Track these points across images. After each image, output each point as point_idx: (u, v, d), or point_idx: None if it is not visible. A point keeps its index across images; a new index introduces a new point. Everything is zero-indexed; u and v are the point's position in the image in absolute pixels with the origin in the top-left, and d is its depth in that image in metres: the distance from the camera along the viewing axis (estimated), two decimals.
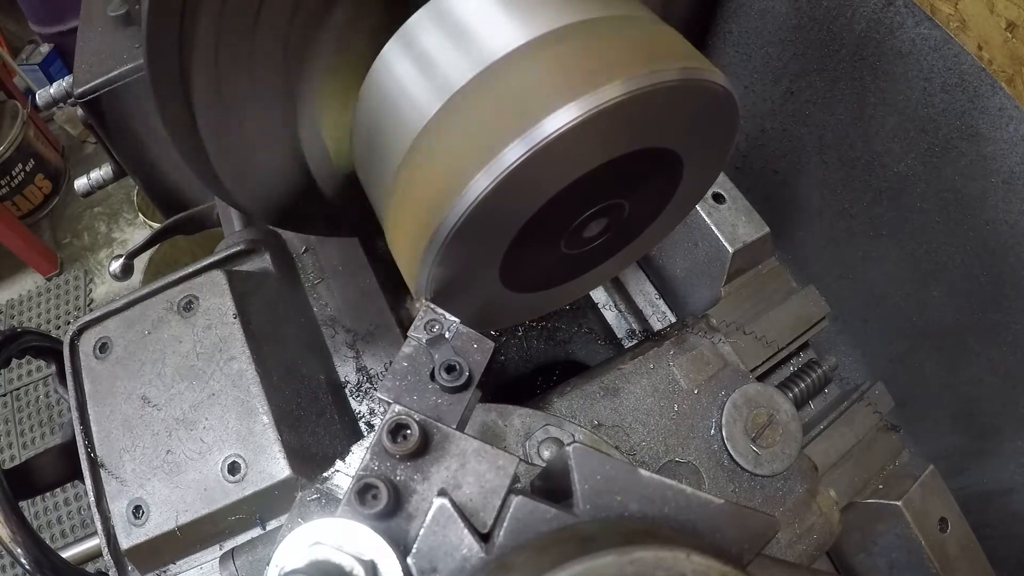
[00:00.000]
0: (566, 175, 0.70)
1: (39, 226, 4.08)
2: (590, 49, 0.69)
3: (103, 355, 1.03)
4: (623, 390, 1.00)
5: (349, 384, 1.11)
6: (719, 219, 1.13)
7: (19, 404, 3.38)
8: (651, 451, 0.97)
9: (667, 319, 1.28)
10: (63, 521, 3.06)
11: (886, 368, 1.36)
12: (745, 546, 0.58)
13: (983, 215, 1.03)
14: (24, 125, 3.80)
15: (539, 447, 0.89)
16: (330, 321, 1.16)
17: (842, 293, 1.35)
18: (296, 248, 1.24)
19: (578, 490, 0.55)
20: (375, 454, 0.59)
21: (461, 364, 0.67)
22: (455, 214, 0.66)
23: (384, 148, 0.77)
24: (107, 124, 1.43)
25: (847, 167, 1.23)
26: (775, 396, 0.98)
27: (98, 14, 1.45)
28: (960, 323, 1.15)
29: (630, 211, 0.83)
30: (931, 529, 1.04)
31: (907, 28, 1.00)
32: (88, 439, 0.99)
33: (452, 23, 0.74)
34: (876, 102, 1.11)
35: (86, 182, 1.75)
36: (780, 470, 0.95)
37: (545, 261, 0.84)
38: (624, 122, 0.67)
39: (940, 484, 1.08)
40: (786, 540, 0.95)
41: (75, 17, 1.62)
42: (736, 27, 1.32)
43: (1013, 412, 1.14)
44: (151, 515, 0.92)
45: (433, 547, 0.54)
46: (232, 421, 0.96)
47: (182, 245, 2.96)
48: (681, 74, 0.67)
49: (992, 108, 0.94)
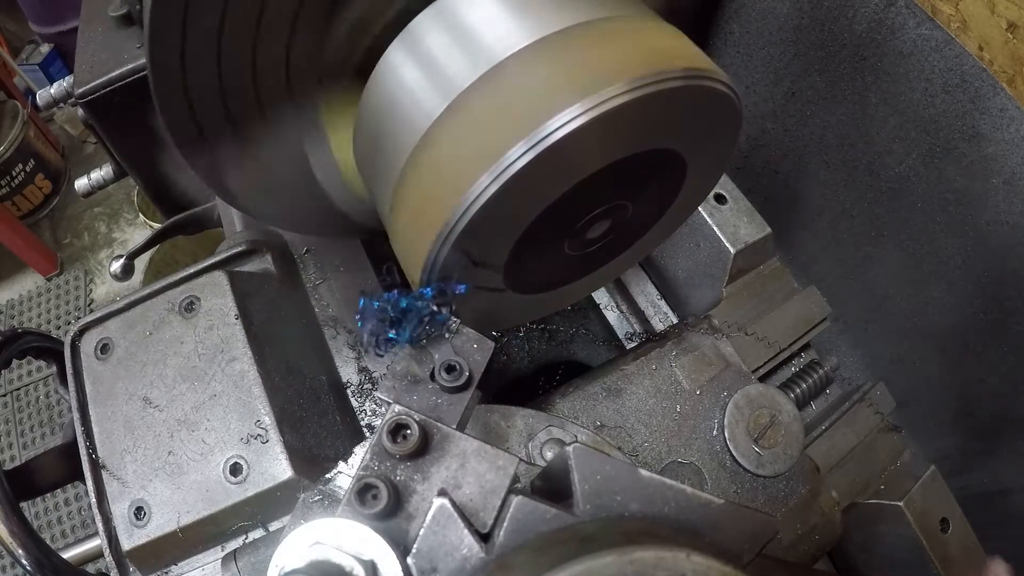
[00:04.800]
0: (570, 177, 0.70)
1: (39, 226, 4.08)
2: (594, 50, 0.69)
3: (104, 356, 1.03)
4: (625, 391, 1.00)
5: (351, 385, 1.11)
6: (721, 220, 1.13)
7: (19, 404, 3.38)
8: (654, 452, 0.96)
9: (669, 320, 1.28)
10: (63, 521, 3.06)
11: (887, 368, 1.36)
12: (745, 546, 0.58)
13: (984, 215, 1.03)
14: (24, 125, 3.80)
15: (542, 448, 0.89)
16: (332, 322, 1.16)
17: (843, 294, 1.35)
18: (298, 248, 1.24)
19: (578, 490, 0.55)
20: (375, 454, 0.59)
21: (461, 364, 0.67)
22: (459, 216, 0.66)
23: (388, 150, 0.77)
24: (107, 124, 1.43)
25: (848, 167, 1.23)
26: (777, 397, 0.98)
27: (99, 14, 1.45)
28: (961, 324, 1.15)
29: (633, 212, 0.83)
30: (932, 529, 1.04)
31: (908, 29, 1.00)
32: (89, 440, 0.98)
33: (456, 24, 0.74)
34: (877, 103, 1.11)
35: (87, 182, 1.75)
36: (782, 471, 0.95)
37: (548, 262, 0.84)
38: (628, 124, 0.67)
39: (941, 484, 1.08)
40: (788, 541, 0.95)
41: (75, 17, 1.63)
42: (738, 27, 1.32)
43: (1014, 413, 1.14)
44: (153, 516, 0.92)
45: (433, 547, 0.55)
46: (234, 422, 0.96)
47: (183, 245, 2.97)
48: (685, 76, 0.67)
49: (993, 109, 0.94)
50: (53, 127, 4.27)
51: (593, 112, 0.63)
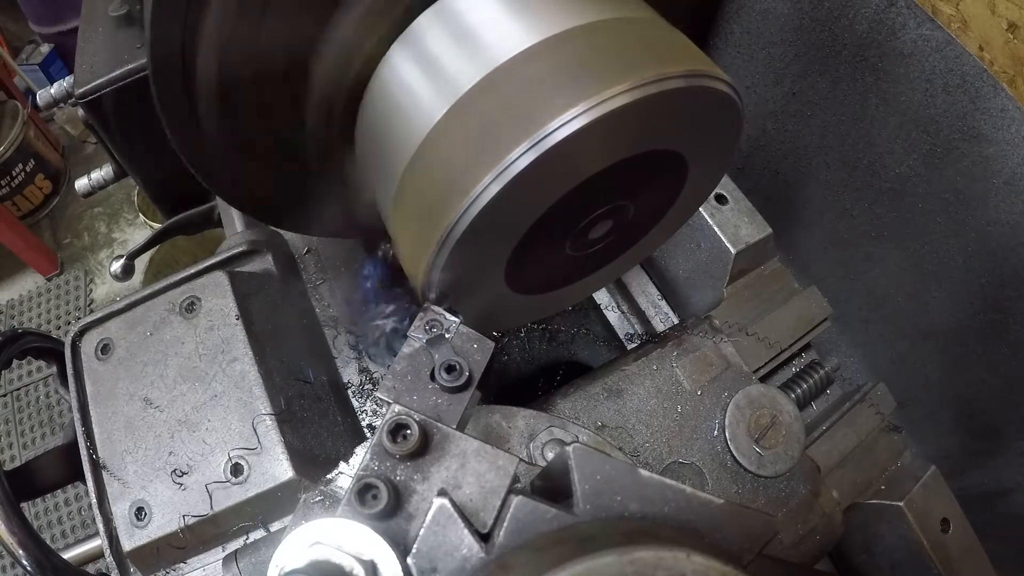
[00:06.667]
0: (572, 178, 0.70)
1: (39, 226, 4.08)
2: (596, 52, 0.69)
3: (105, 356, 1.03)
4: (626, 391, 1.00)
5: (352, 385, 1.11)
6: (722, 220, 1.13)
7: (19, 404, 3.38)
8: (655, 452, 0.97)
9: (670, 320, 1.28)
10: (63, 522, 3.06)
11: (888, 369, 1.36)
12: (745, 546, 0.58)
13: (985, 216, 1.03)
14: (24, 125, 3.80)
15: (543, 449, 0.89)
16: (332, 322, 1.16)
17: (844, 294, 1.35)
18: (298, 249, 1.24)
19: (578, 490, 0.55)
20: (375, 454, 0.59)
21: (461, 364, 0.67)
22: (462, 217, 0.66)
23: (390, 150, 0.77)
24: (108, 124, 1.43)
25: (849, 168, 1.23)
26: (778, 397, 0.98)
27: (99, 14, 1.45)
28: (961, 324, 1.15)
29: (635, 213, 0.83)
30: (933, 530, 1.04)
31: (909, 29, 1.00)
32: (90, 440, 0.98)
33: (458, 25, 0.74)
34: (878, 103, 1.11)
35: (87, 182, 1.75)
36: (783, 471, 0.95)
37: (550, 263, 0.84)
38: (630, 125, 0.67)
39: (942, 485, 1.08)
40: (789, 541, 0.95)
41: (75, 17, 1.62)
42: (738, 28, 1.32)
43: (1014, 413, 1.14)
44: (153, 517, 0.92)
45: (433, 547, 0.54)
46: (235, 422, 0.96)
47: (183, 246, 2.97)
48: (687, 76, 0.67)
49: (994, 109, 0.94)
50: (53, 127, 4.28)
51: (595, 113, 0.63)
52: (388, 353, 1.12)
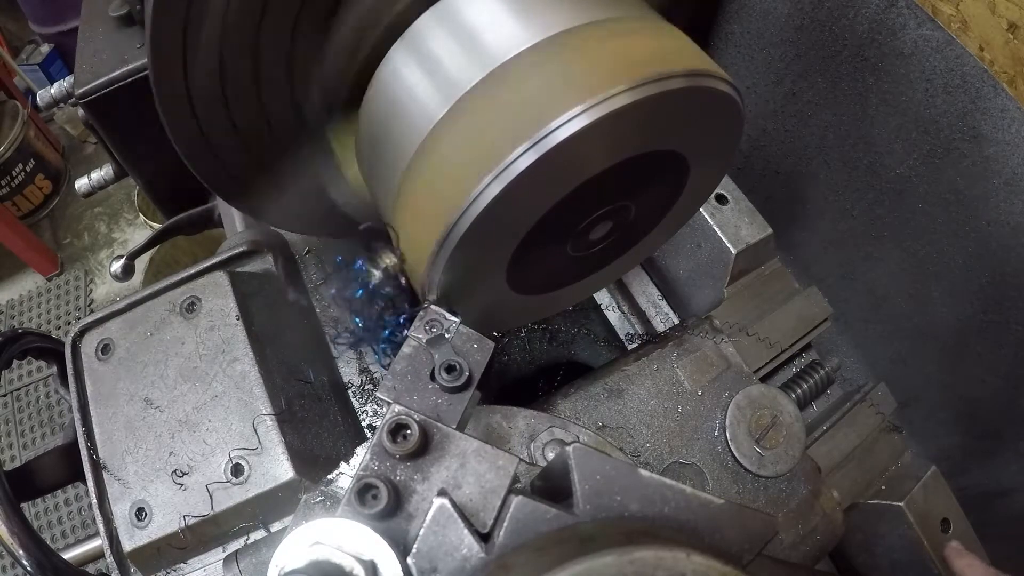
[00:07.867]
0: (573, 178, 0.70)
1: (39, 226, 4.07)
2: (597, 52, 0.69)
3: (105, 356, 1.03)
4: (627, 392, 1.00)
5: (352, 386, 1.11)
6: (722, 220, 1.13)
7: (19, 405, 3.37)
8: (655, 453, 0.96)
9: (670, 320, 1.28)
10: (63, 522, 3.06)
11: (888, 369, 1.36)
12: (745, 546, 0.58)
13: (985, 216, 1.03)
14: (24, 125, 3.79)
15: (544, 449, 0.89)
16: (333, 322, 1.16)
17: (844, 294, 1.35)
18: (299, 249, 1.24)
19: (578, 490, 0.55)
20: (375, 454, 0.59)
21: (461, 364, 0.67)
22: (463, 218, 0.66)
23: (390, 151, 0.77)
24: (107, 124, 1.43)
25: (849, 168, 1.23)
26: (778, 397, 0.98)
27: (99, 14, 1.45)
28: (962, 324, 1.15)
29: (636, 213, 0.83)
30: (933, 530, 1.04)
31: (909, 29, 1.00)
32: (90, 440, 0.98)
33: (459, 25, 0.74)
34: (878, 103, 1.11)
35: (87, 182, 1.75)
36: (784, 471, 0.95)
37: (551, 263, 0.84)
38: (632, 125, 0.67)
39: (942, 485, 1.08)
40: (790, 541, 0.95)
41: (75, 17, 1.62)
42: (738, 28, 1.32)
43: (1015, 413, 1.14)
44: (154, 517, 0.92)
45: (433, 547, 0.54)
46: (235, 423, 0.96)
47: (183, 246, 2.97)
48: (688, 76, 0.67)
49: (994, 109, 0.94)
50: (53, 127, 4.27)
51: (596, 113, 0.63)
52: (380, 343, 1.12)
